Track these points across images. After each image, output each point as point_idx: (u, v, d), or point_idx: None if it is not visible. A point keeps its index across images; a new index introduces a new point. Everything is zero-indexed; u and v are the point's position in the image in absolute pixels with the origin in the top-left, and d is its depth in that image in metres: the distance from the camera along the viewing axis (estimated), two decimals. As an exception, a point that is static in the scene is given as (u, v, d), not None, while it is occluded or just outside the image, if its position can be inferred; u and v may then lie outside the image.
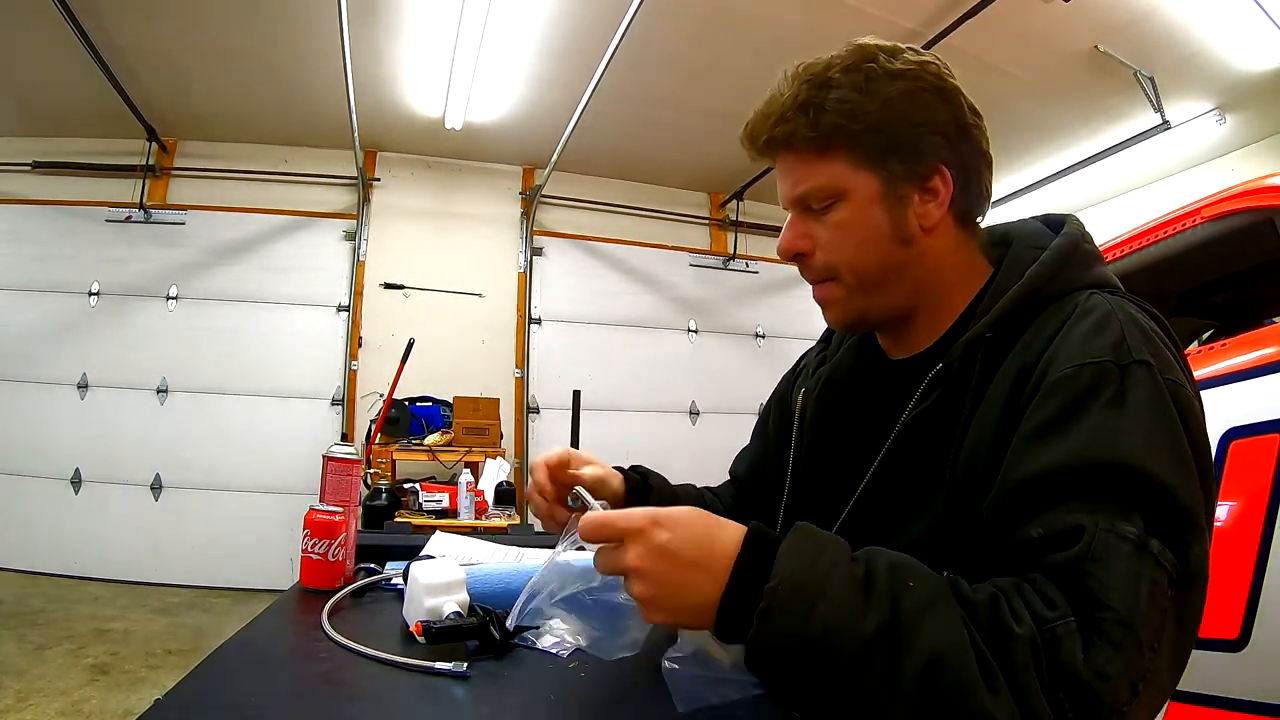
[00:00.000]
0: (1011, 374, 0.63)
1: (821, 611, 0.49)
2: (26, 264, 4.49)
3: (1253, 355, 1.43)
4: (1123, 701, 0.48)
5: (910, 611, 0.49)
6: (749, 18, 3.45)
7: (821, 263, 0.72)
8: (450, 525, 3.24)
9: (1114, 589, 0.49)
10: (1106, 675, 0.47)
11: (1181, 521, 0.53)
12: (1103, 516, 0.52)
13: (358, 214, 4.88)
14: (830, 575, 0.51)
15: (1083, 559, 0.50)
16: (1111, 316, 0.61)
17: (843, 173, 0.69)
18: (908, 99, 0.67)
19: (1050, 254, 0.68)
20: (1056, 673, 0.47)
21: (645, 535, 0.53)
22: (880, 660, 0.48)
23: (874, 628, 0.48)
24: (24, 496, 4.27)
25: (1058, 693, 0.47)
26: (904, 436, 0.70)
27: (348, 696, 0.66)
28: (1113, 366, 0.57)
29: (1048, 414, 0.58)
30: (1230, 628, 1.30)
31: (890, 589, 0.50)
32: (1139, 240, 1.89)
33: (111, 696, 2.49)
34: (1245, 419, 1.37)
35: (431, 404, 4.42)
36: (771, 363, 5.45)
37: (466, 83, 3.98)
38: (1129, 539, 0.51)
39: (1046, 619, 0.49)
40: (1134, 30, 3.42)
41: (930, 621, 0.49)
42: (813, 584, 0.50)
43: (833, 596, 0.49)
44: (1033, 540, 0.53)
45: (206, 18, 3.52)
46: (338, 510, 0.98)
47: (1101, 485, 0.53)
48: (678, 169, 5.28)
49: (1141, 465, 0.53)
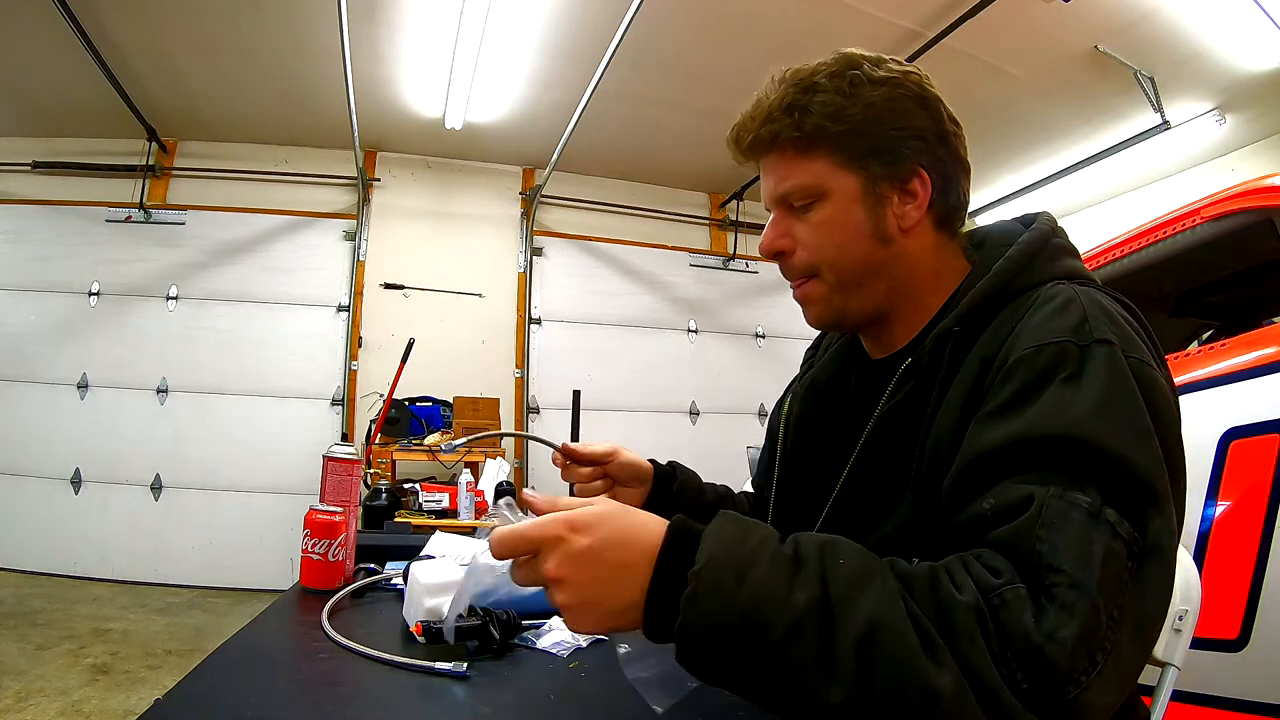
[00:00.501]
0: (975, 365, 0.63)
1: (749, 590, 0.47)
2: (26, 264, 4.48)
3: (1253, 355, 1.43)
4: (1080, 669, 0.45)
5: (842, 585, 0.47)
6: (749, 18, 3.45)
7: (802, 261, 0.74)
8: (450, 525, 3.24)
9: (1065, 553, 0.48)
10: (1060, 639, 0.45)
11: (1139, 493, 0.52)
12: (1055, 486, 0.51)
13: (358, 214, 4.88)
14: (757, 554, 0.48)
15: (1033, 525, 0.50)
16: (1074, 301, 0.61)
17: (825, 172, 0.71)
18: (889, 104, 0.70)
19: (1015, 249, 0.70)
20: (1005, 639, 0.46)
21: (563, 543, 0.50)
22: (813, 636, 0.45)
23: (805, 603, 0.46)
24: (24, 496, 4.27)
25: (1009, 660, 0.45)
26: (876, 432, 0.71)
27: (348, 696, 0.66)
28: (1072, 346, 0.57)
29: (1006, 394, 0.58)
30: (1230, 628, 1.30)
31: (820, 565, 0.48)
32: (1139, 240, 1.89)
33: (111, 696, 2.49)
34: (1245, 419, 1.37)
35: (431, 404, 4.42)
36: (771, 363, 5.45)
37: (466, 83, 3.98)
38: (1081, 506, 0.50)
39: (992, 586, 0.48)
40: (1134, 30, 3.42)
41: (864, 594, 0.47)
42: (738, 564, 0.48)
43: (760, 574, 0.47)
44: (984, 514, 0.53)
45: (207, 18, 3.52)
46: (338, 510, 0.98)
47: (1053, 457, 0.53)
48: (678, 169, 5.27)
49: (1095, 438, 0.52)
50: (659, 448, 5.20)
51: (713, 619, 0.47)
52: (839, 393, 0.83)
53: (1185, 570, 0.82)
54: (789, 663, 0.46)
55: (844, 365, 0.85)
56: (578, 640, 0.77)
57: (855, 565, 0.49)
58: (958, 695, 0.44)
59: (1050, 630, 0.45)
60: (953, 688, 0.44)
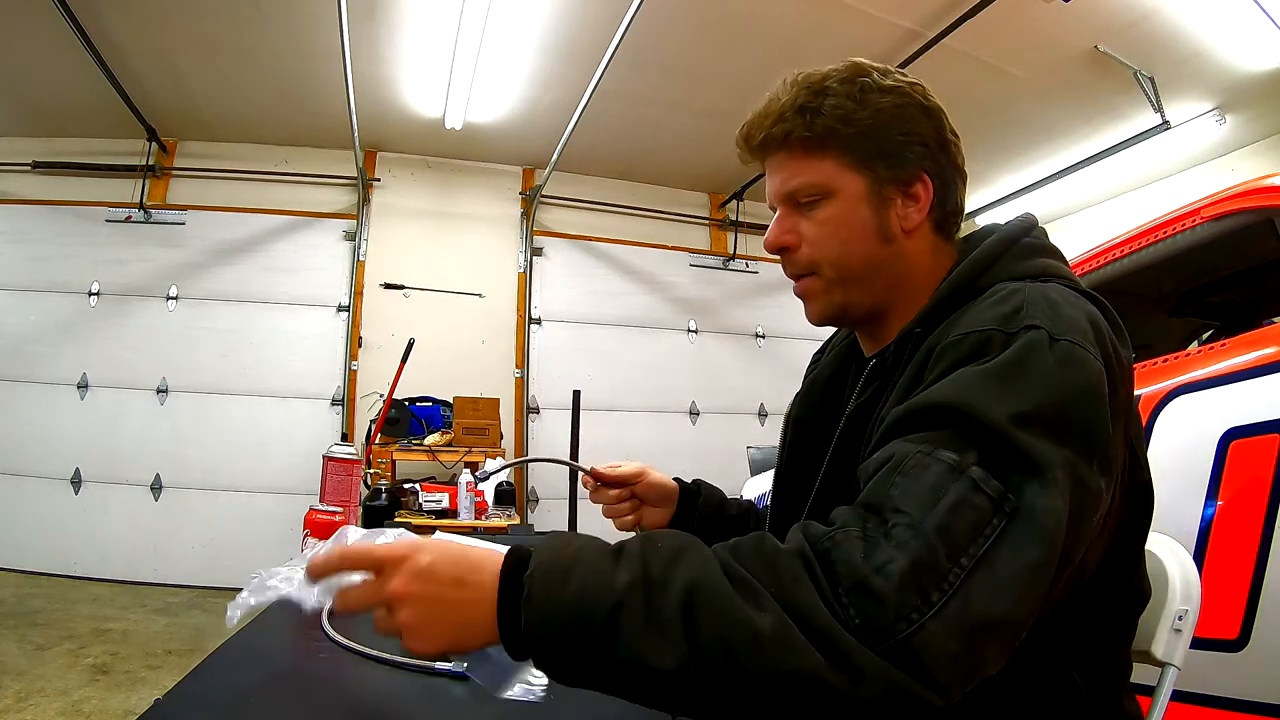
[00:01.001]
0: (920, 358, 0.65)
1: (575, 581, 0.50)
2: (26, 264, 4.48)
3: (1253, 355, 1.43)
4: (909, 605, 0.45)
5: (660, 562, 0.50)
6: (749, 18, 3.45)
7: (806, 257, 0.76)
8: (450, 525, 3.24)
9: (912, 497, 0.50)
10: (887, 572, 0.46)
11: (1015, 460, 0.51)
12: (925, 445, 0.53)
13: (358, 214, 4.88)
14: (581, 552, 0.52)
15: (891, 474, 0.52)
16: (1016, 293, 0.62)
17: (833, 172, 0.73)
18: (896, 111, 0.72)
19: (980, 251, 0.71)
20: (834, 577, 0.47)
21: (407, 561, 0.53)
22: (639, 607, 0.48)
23: (627, 581, 0.49)
24: (24, 496, 4.27)
25: (840, 597, 0.46)
26: (846, 430, 0.74)
27: (348, 696, 0.66)
28: (998, 334, 0.58)
29: (929, 379, 0.60)
30: (1230, 628, 1.30)
31: (640, 550, 0.51)
32: (1139, 240, 1.89)
33: (111, 696, 2.49)
34: (1245, 419, 1.36)
35: (431, 404, 4.42)
36: (771, 363, 5.45)
37: (466, 83, 3.98)
38: (945, 461, 0.51)
39: (823, 534, 0.50)
40: (1134, 30, 3.42)
41: (681, 564, 0.49)
42: (564, 562, 0.51)
43: (584, 567, 0.50)
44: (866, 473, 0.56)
45: (207, 18, 3.52)
46: (338, 510, 0.98)
47: (932, 423, 0.55)
48: (678, 169, 5.27)
49: (973, 406, 0.53)
50: (659, 448, 5.26)
51: (547, 614, 0.50)
52: (838, 391, 0.85)
53: (1185, 570, 0.82)
54: (620, 638, 0.48)
55: (844, 364, 0.87)
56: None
57: (672, 544, 0.51)
58: (781, 632, 0.45)
59: (879, 564, 0.46)
60: (773, 626, 0.45)
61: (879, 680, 0.45)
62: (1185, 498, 1.39)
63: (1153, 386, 1.56)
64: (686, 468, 4.26)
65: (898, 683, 0.45)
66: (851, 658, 0.45)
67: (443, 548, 0.54)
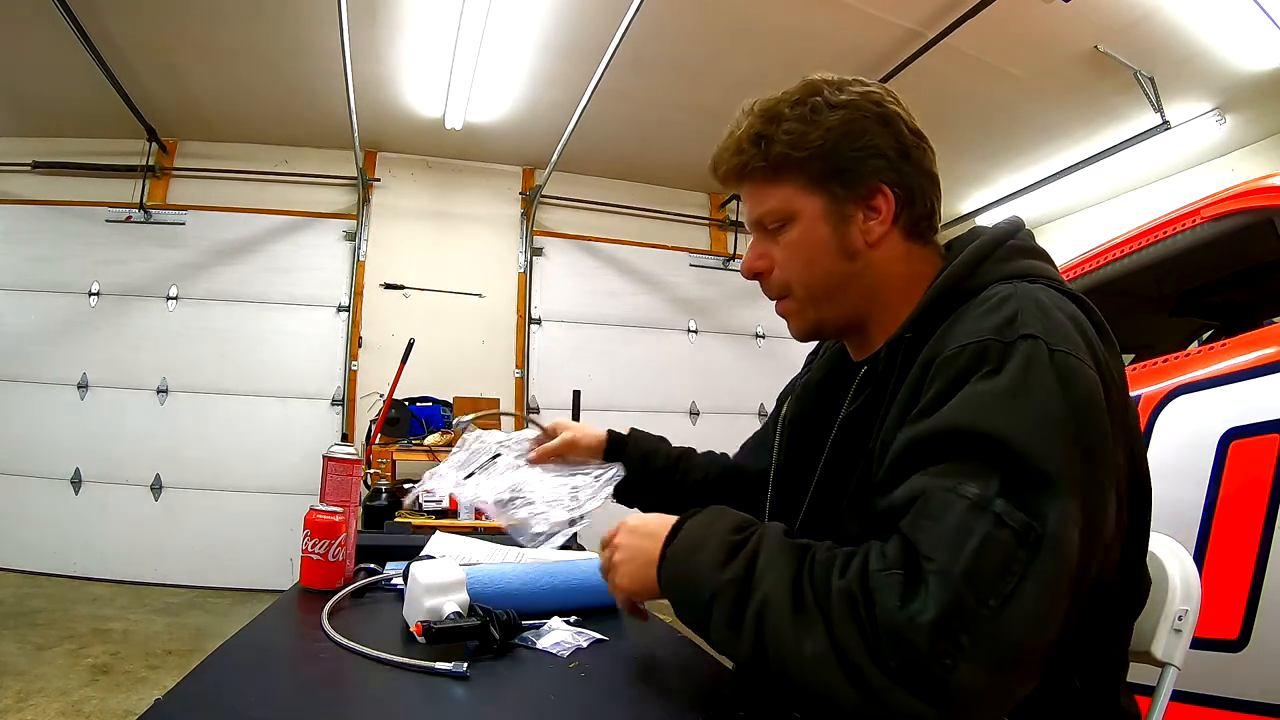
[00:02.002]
0: (918, 368, 0.65)
1: (694, 562, 0.63)
2: (26, 264, 4.48)
3: (1253, 355, 1.43)
4: (942, 651, 0.48)
5: (760, 566, 0.58)
6: (749, 18, 3.45)
7: (778, 280, 0.79)
8: (450, 525, 3.23)
9: (938, 541, 0.51)
10: (918, 622, 0.48)
11: (1036, 483, 0.52)
12: (947, 479, 0.54)
13: (358, 214, 4.88)
14: (709, 538, 0.63)
15: (919, 517, 0.53)
16: (1009, 299, 0.62)
17: (792, 196, 0.75)
18: (847, 127, 0.73)
19: (967, 253, 0.71)
20: (874, 621, 0.50)
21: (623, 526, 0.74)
22: (728, 605, 0.58)
23: (727, 580, 0.58)
24: (24, 496, 4.27)
25: (878, 641, 0.49)
26: (840, 436, 0.77)
27: (348, 696, 0.66)
28: (995, 343, 0.59)
29: (930, 395, 0.60)
30: (1230, 628, 1.30)
31: (754, 550, 0.60)
32: (1139, 240, 1.89)
33: (112, 696, 2.49)
34: (1245, 419, 1.37)
35: (431, 404, 4.42)
36: (771, 363, 5.45)
37: (466, 83, 3.98)
38: (966, 497, 0.52)
39: (872, 571, 0.52)
40: (1134, 30, 3.42)
41: (769, 576, 0.57)
42: (692, 545, 0.64)
43: (703, 555, 0.62)
44: (895, 506, 0.57)
45: (207, 18, 3.52)
46: (338, 510, 0.98)
47: (954, 450, 0.55)
48: (678, 169, 5.27)
49: (994, 429, 0.54)
50: (659, 448, 5.09)
51: (671, 582, 0.65)
52: (830, 394, 0.86)
53: (1185, 570, 0.82)
54: (712, 620, 0.59)
55: (837, 367, 0.88)
56: (578, 640, 0.77)
57: (774, 552, 0.59)
58: (819, 662, 0.51)
59: (912, 614, 0.49)
60: (813, 655, 0.52)
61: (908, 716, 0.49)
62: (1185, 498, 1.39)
63: (1153, 387, 1.56)
64: (686, 468, 4.08)
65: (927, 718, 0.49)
66: (881, 694, 0.49)
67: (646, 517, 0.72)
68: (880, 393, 0.70)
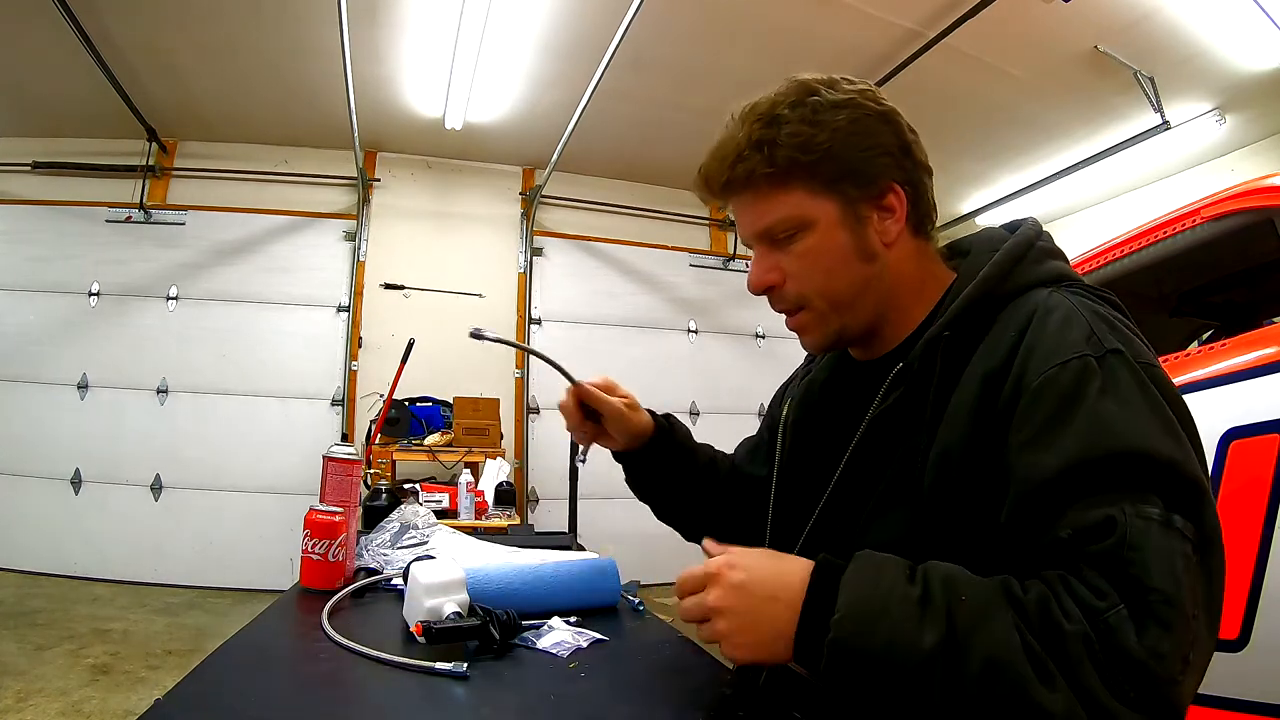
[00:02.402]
0: (976, 379, 0.64)
1: (882, 634, 0.53)
2: (26, 264, 4.48)
3: (1253, 355, 1.43)
4: (1177, 673, 0.50)
5: (965, 622, 0.52)
6: (749, 18, 3.45)
7: (794, 292, 0.75)
8: (450, 525, 3.23)
9: (1155, 570, 0.51)
10: (1161, 654, 0.50)
11: (1191, 491, 0.55)
12: (1126, 503, 0.54)
13: (358, 214, 4.88)
14: (889, 599, 0.54)
15: (1121, 548, 0.52)
16: (1074, 311, 0.63)
17: (803, 202, 0.71)
18: (853, 126, 0.70)
19: (1001, 254, 0.71)
20: (1114, 659, 0.50)
21: (721, 577, 0.59)
22: (941, 671, 0.51)
23: (932, 642, 0.51)
24: (24, 496, 4.27)
25: (1117, 677, 0.49)
26: (868, 436, 0.72)
27: (348, 696, 0.66)
28: (1091, 359, 0.59)
29: (1041, 416, 0.59)
30: (1230, 628, 1.30)
31: (945, 603, 0.53)
32: (1139, 240, 1.89)
33: (112, 697, 2.49)
34: (1245, 419, 1.36)
35: (431, 404, 4.42)
36: (771, 363, 5.45)
37: (466, 83, 3.98)
38: (1155, 520, 0.53)
39: (1098, 610, 0.51)
40: (1134, 30, 3.42)
41: (984, 629, 0.51)
42: (873, 611, 0.54)
43: (892, 618, 0.53)
44: (1063, 540, 0.55)
45: (207, 18, 3.52)
46: (338, 510, 0.98)
47: (1115, 474, 0.55)
48: (678, 169, 5.26)
49: (1146, 447, 0.55)
50: (659, 448, 5.05)
51: (853, 662, 0.54)
52: (834, 395, 0.85)
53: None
54: (921, 696, 0.52)
55: (839, 368, 0.86)
56: (578, 640, 0.77)
57: (976, 599, 0.53)
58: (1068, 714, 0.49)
59: (1152, 646, 0.50)
60: (1065, 709, 0.49)
61: None
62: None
63: (1153, 386, 1.56)
64: (686, 468, 4.06)
65: None
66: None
67: (754, 562, 0.60)
68: (917, 392, 0.68)
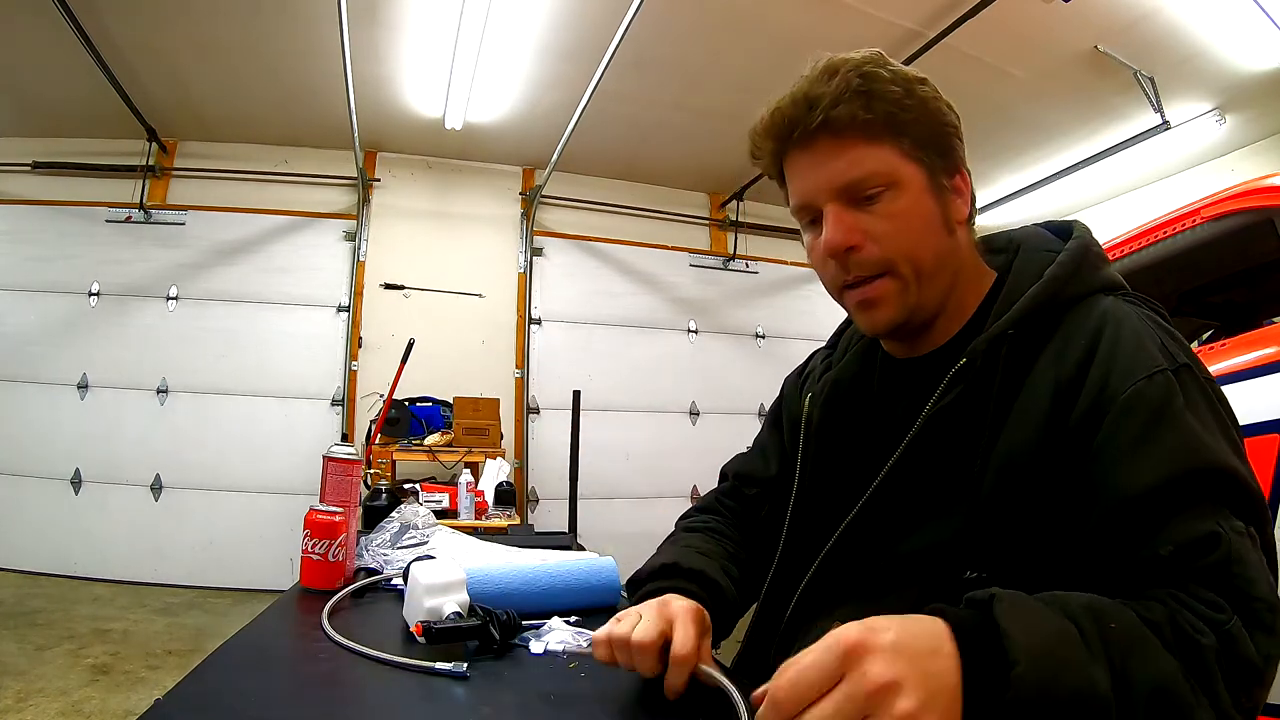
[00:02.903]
0: (1047, 385, 0.64)
1: (1066, 683, 0.47)
2: (26, 264, 4.48)
3: (1253, 355, 1.43)
4: (1273, 674, 0.54)
5: (1122, 654, 0.50)
6: (749, 18, 3.45)
7: (877, 256, 0.69)
8: (450, 525, 3.23)
9: (1258, 581, 0.54)
10: (1272, 657, 0.53)
11: (1257, 505, 0.58)
12: (1221, 519, 0.56)
13: (358, 214, 4.88)
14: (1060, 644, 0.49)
15: (1228, 562, 0.54)
16: (1144, 325, 0.66)
17: (894, 160, 0.68)
18: (935, 102, 0.71)
19: (1067, 255, 0.71)
20: (1239, 669, 0.52)
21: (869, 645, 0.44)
22: (1115, 710, 0.48)
23: (1106, 685, 0.48)
24: (24, 496, 4.27)
25: (1240, 686, 0.51)
26: (924, 433, 0.69)
27: (348, 696, 0.66)
28: (1170, 374, 0.61)
29: (1134, 431, 0.60)
30: (1230, 628, 1.29)
31: (1100, 636, 0.50)
32: (1139, 240, 1.89)
33: (112, 697, 2.49)
34: (1245, 419, 1.36)
35: (431, 404, 4.42)
36: (771, 363, 5.45)
37: (466, 83, 3.98)
38: (1244, 534, 0.56)
39: (1220, 622, 0.53)
40: (1134, 30, 3.42)
41: (1138, 656, 0.50)
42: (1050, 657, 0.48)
43: (1069, 666, 0.48)
44: (1162, 556, 0.56)
45: (207, 18, 3.52)
46: (338, 510, 0.98)
47: (1206, 490, 0.57)
48: (678, 169, 5.27)
49: (1225, 464, 0.58)
50: (659, 448, 5.23)
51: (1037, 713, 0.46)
52: (868, 394, 0.81)
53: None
54: None
55: (866, 366, 0.83)
56: (578, 640, 0.77)
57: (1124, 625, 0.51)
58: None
59: (1266, 652, 0.53)
60: None
61: None
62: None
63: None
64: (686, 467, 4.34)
65: None
66: None
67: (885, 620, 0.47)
68: (979, 391, 0.67)
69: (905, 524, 0.70)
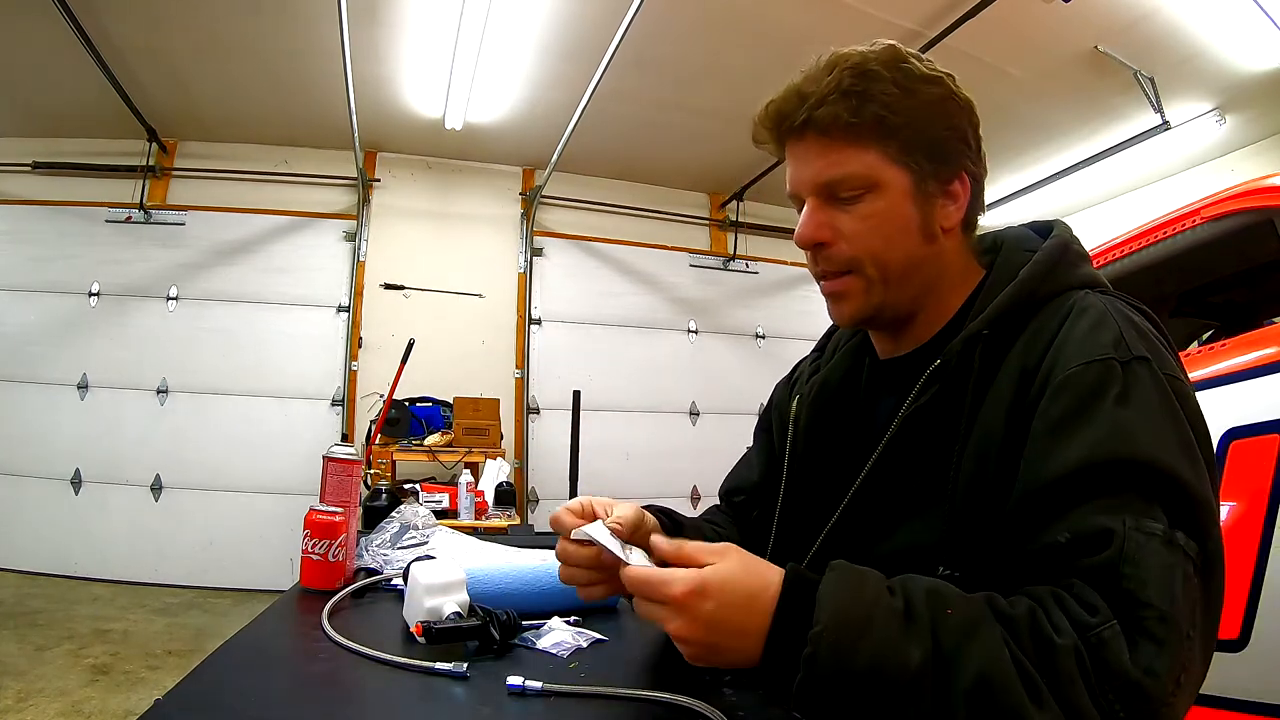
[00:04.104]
0: (1014, 375, 0.64)
1: (866, 649, 0.50)
2: (26, 264, 4.48)
3: (1253, 355, 1.43)
4: (1169, 693, 0.49)
5: (952, 637, 0.50)
6: (749, 18, 3.45)
7: (845, 254, 0.71)
8: (449, 525, 3.23)
9: (1151, 586, 0.50)
10: (1155, 672, 0.48)
11: (1198, 509, 0.54)
12: (1128, 515, 0.53)
13: (358, 214, 4.88)
14: (872, 613, 0.51)
15: (1117, 561, 0.51)
16: (1107, 315, 0.63)
17: (877, 164, 0.68)
18: (941, 104, 0.69)
19: (1042, 255, 0.70)
20: (1104, 676, 0.48)
21: (688, 609, 0.54)
22: (930, 689, 0.48)
23: (919, 659, 0.49)
24: (24, 496, 4.27)
25: (1107, 695, 0.48)
26: (901, 434, 0.69)
27: (348, 697, 0.66)
28: (1115, 363, 0.59)
29: (1058, 413, 0.59)
30: (1230, 628, 1.30)
31: (930, 617, 0.51)
32: (1139, 240, 1.89)
33: (111, 697, 2.49)
34: (1245, 419, 1.36)
35: (431, 404, 4.42)
36: (771, 363, 5.45)
37: (466, 83, 3.98)
38: (1157, 535, 0.52)
39: (1089, 625, 0.50)
40: (1134, 31, 3.42)
41: (973, 644, 0.49)
42: (856, 624, 0.50)
43: (876, 633, 0.50)
44: (1060, 544, 0.54)
45: (207, 18, 3.52)
46: (338, 510, 0.98)
47: (1121, 482, 0.54)
48: (678, 169, 5.27)
49: (1157, 459, 0.54)
50: (659, 448, 5.22)
51: (834, 678, 0.50)
52: (853, 394, 0.82)
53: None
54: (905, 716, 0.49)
55: (855, 365, 0.84)
56: (578, 640, 0.77)
57: (962, 614, 0.51)
58: None
59: (1146, 665, 0.49)
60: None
61: None
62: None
63: (1153, 386, 1.56)
64: (686, 468, 4.34)
65: None
66: None
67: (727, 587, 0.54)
68: (954, 390, 0.67)
69: (884, 525, 0.71)
